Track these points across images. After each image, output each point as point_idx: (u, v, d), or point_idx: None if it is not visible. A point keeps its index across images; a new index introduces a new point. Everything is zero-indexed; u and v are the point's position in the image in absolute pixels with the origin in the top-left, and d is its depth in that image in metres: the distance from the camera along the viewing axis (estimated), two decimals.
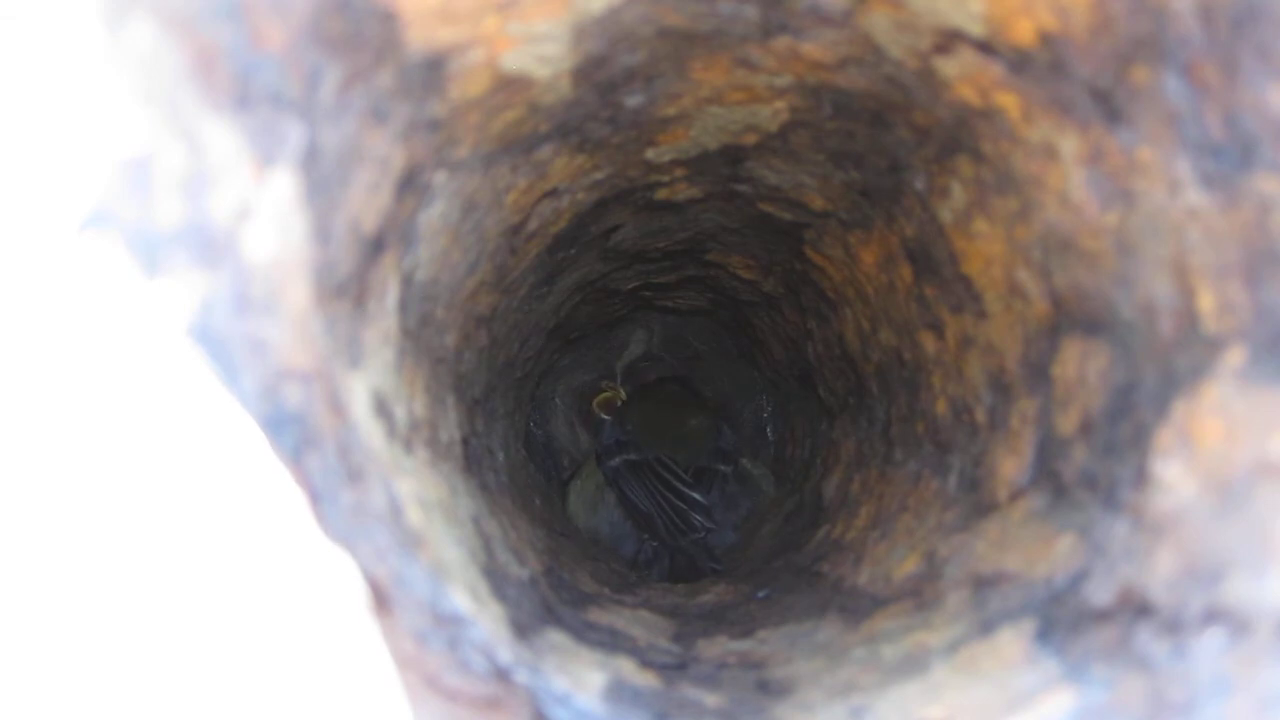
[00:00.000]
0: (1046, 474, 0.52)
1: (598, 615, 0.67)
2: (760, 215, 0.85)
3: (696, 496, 1.18)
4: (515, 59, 0.49)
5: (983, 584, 0.52)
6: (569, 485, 1.25)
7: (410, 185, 0.50)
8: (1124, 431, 0.45)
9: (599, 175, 0.71)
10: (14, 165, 0.27)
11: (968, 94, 0.50)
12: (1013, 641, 0.46)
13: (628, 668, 0.54)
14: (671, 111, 0.64)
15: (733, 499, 1.23)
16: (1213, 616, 0.37)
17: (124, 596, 0.28)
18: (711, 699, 0.51)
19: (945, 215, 0.60)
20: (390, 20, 0.41)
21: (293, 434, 0.36)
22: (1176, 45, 0.38)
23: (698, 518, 1.16)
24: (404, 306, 0.54)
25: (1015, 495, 0.55)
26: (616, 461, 1.21)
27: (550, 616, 0.59)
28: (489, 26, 0.45)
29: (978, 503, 0.59)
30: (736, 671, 0.56)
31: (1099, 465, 0.47)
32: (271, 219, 0.36)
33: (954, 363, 0.65)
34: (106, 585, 0.28)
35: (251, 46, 0.34)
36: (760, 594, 0.80)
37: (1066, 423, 0.51)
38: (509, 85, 0.51)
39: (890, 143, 0.61)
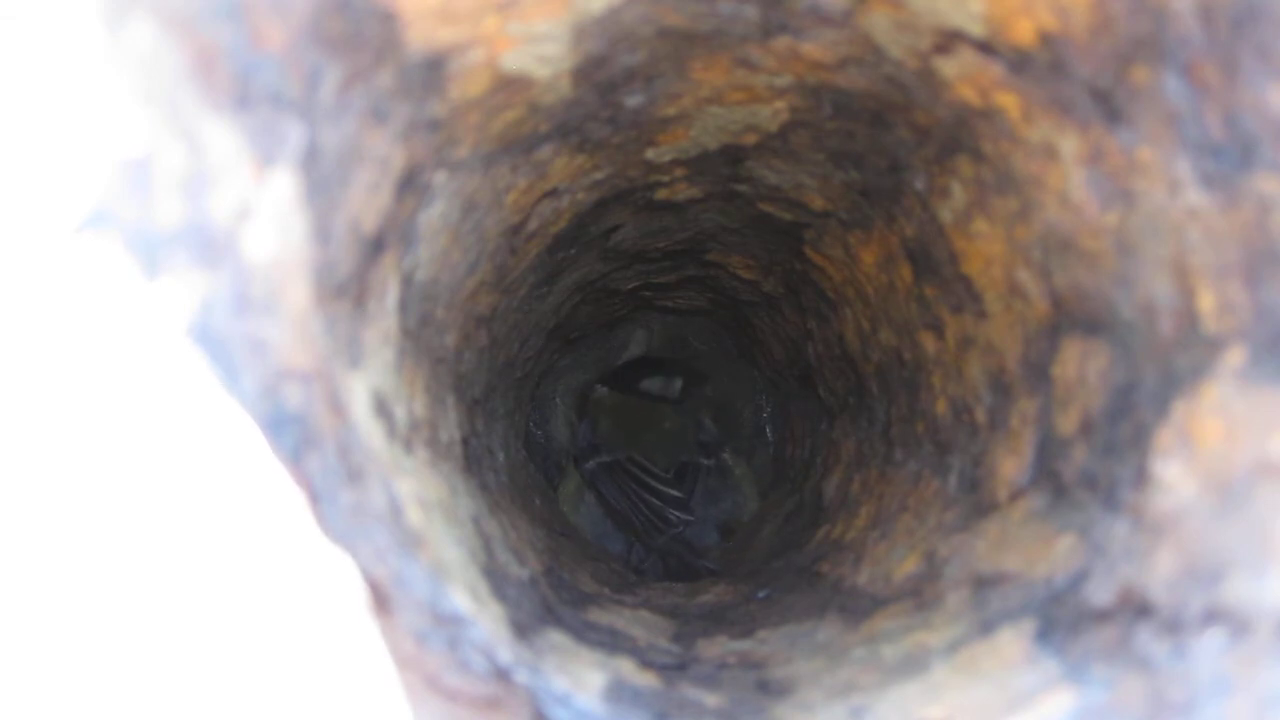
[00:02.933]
0: (1046, 474, 0.52)
1: (598, 615, 0.67)
2: (760, 215, 0.85)
3: (672, 492, 1.16)
4: (515, 59, 0.49)
5: (983, 584, 0.52)
6: (558, 491, 1.24)
7: (410, 185, 0.50)
8: (1124, 431, 0.45)
9: (599, 175, 0.71)
10: (14, 165, 0.27)
11: (968, 94, 0.50)
12: (1013, 641, 0.46)
13: (628, 668, 0.54)
14: (671, 111, 0.64)
15: (714, 494, 1.21)
16: (1213, 616, 0.37)
17: (124, 597, 0.28)
18: (711, 699, 0.51)
19: (945, 215, 0.60)
20: (390, 20, 0.41)
21: (293, 434, 0.36)
22: (1176, 45, 0.38)
23: (674, 513, 1.15)
24: (404, 306, 0.53)
25: (1015, 495, 0.55)
26: (591, 464, 1.20)
27: (550, 616, 0.59)
28: (489, 26, 0.45)
29: (978, 503, 0.59)
30: (736, 671, 0.56)
31: (1099, 465, 0.47)
32: (271, 219, 0.36)
33: (954, 363, 0.65)
34: (107, 586, 0.28)
35: (251, 46, 0.34)
36: (760, 594, 0.80)
37: (1066, 423, 0.51)
38: (509, 85, 0.51)
39: (890, 143, 0.61)
